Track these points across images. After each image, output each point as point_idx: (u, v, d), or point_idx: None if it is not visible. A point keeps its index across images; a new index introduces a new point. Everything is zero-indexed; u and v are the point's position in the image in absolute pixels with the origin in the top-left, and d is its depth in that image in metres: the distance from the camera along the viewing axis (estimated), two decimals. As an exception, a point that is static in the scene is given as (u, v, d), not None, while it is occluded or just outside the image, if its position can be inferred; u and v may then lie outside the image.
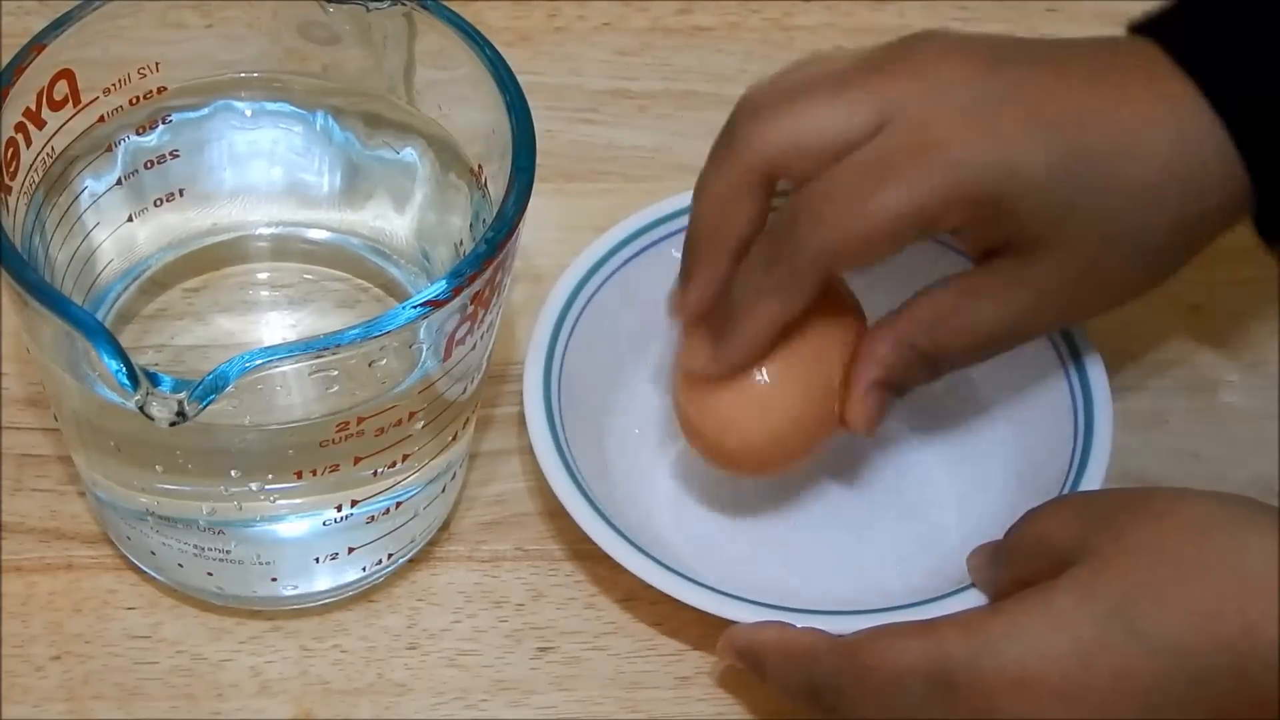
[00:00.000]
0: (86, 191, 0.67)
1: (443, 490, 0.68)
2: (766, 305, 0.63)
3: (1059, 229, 0.61)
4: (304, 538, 0.65)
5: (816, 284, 0.62)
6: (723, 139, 0.64)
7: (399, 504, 0.65)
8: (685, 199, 0.72)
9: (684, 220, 0.72)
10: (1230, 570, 0.55)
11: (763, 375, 0.65)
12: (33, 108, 0.63)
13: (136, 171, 0.68)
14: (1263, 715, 0.54)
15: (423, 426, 0.63)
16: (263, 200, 0.71)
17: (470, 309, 0.60)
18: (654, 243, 0.72)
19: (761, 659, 0.63)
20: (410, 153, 0.69)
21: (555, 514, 0.69)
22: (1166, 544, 0.56)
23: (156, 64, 0.67)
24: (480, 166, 0.66)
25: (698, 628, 0.67)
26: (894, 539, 0.70)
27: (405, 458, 0.64)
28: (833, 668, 0.60)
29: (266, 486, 0.63)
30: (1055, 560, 0.58)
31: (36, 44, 0.63)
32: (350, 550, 0.66)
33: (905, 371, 0.65)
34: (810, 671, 0.61)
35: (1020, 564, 0.61)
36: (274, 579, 0.66)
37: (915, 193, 0.60)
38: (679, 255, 0.72)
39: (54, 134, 0.65)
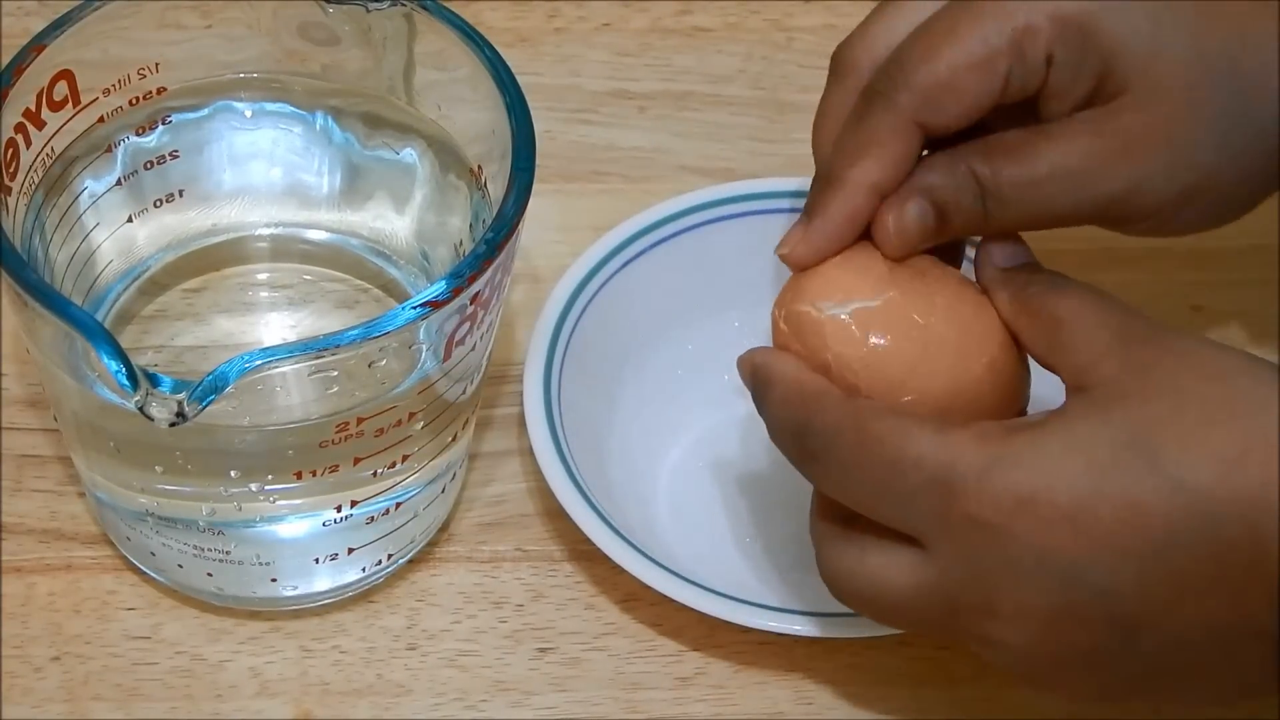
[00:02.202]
0: (86, 192, 0.67)
1: (442, 491, 0.68)
2: (860, 165, 0.60)
3: (1144, 74, 0.60)
4: (304, 538, 0.65)
5: (910, 135, 0.59)
6: (864, 91, 0.61)
7: (399, 504, 0.65)
8: (685, 200, 0.73)
9: (683, 221, 0.73)
10: (1256, 421, 0.53)
11: (927, 319, 0.59)
12: (32, 108, 0.63)
13: (136, 172, 0.68)
14: (1261, 576, 0.53)
15: (422, 427, 0.63)
16: (262, 201, 0.71)
17: (470, 310, 0.60)
18: (654, 244, 0.72)
19: (769, 385, 0.59)
20: (410, 153, 0.69)
21: (555, 515, 0.69)
22: (1193, 385, 0.54)
23: (156, 64, 0.67)
24: (480, 167, 0.66)
25: (697, 628, 0.67)
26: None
27: (405, 458, 0.64)
28: (835, 422, 0.57)
29: (266, 487, 0.63)
30: (1069, 365, 0.56)
31: (36, 44, 0.63)
32: (350, 551, 0.66)
33: (953, 194, 0.60)
34: (811, 414, 0.57)
35: (1027, 325, 0.58)
36: (274, 580, 0.66)
37: (1004, 15, 0.59)
38: (679, 257, 0.72)
39: (54, 134, 0.65)
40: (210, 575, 0.66)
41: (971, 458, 0.55)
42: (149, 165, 0.68)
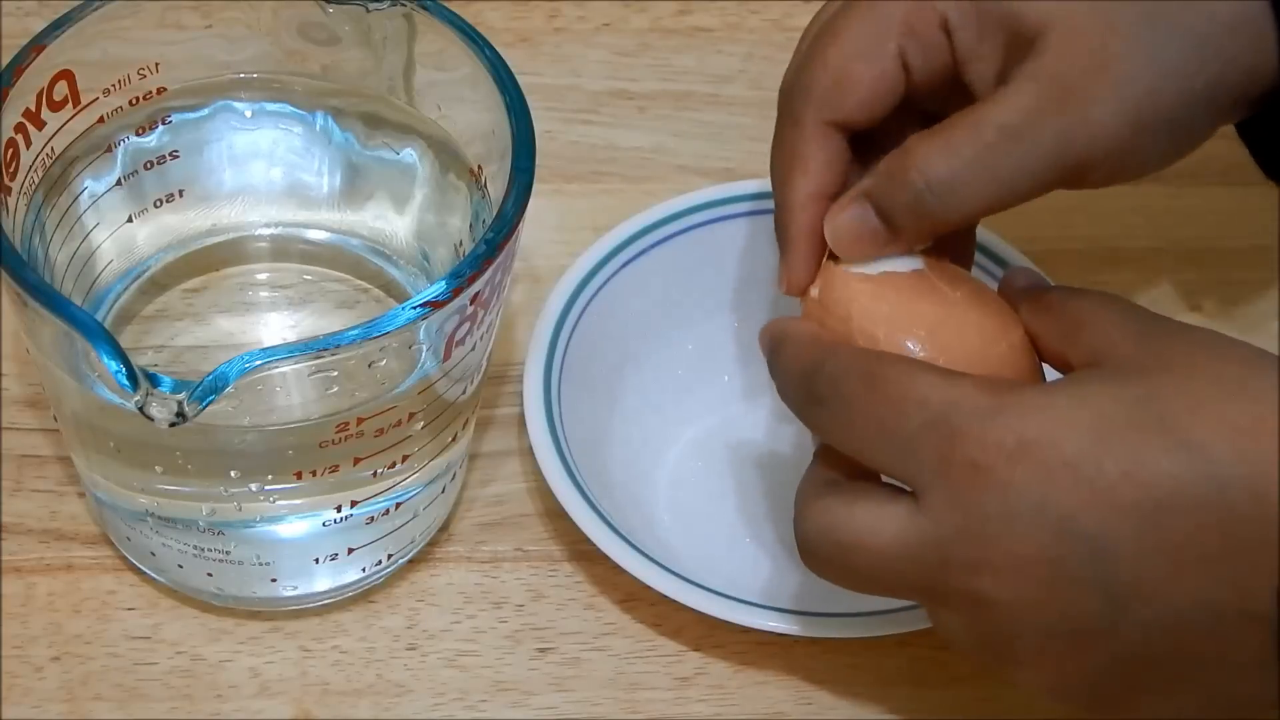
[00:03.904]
0: (86, 192, 0.67)
1: (442, 491, 0.68)
2: (790, 183, 0.61)
3: (1055, 12, 0.58)
4: (303, 538, 0.65)
5: (824, 138, 0.60)
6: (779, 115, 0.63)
7: (399, 505, 0.65)
8: (685, 200, 0.73)
9: (683, 221, 0.73)
10: (1271, 398, 0.52)
11: (953, 293, 0.60)
12: (32, 108, 0.63)
13: (136, 172, 0.68)
14: (1263, 553, 0.52)
15: (422, 427, 0.63)
16: (262, 201, 0.71)
17: (470, 310, 0.60)
18: (654, 244, 0.72)
19: (784, 341, 0.59)
20: (410, 153, 0.69)
21: (555, 515, 0.69)
22: (1208, 363, 0.53)
23: (156, 65, 0.67)
24: (480, 167, 0.66)
25: (697, 629, 0.68)
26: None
27: (405, 458, 0.64)
28: (845, 365, 0.56)
29: (266, 487, 0.63)
30: (1085, 347, 0.56)
31: (36, 45, 0.63)
32: (350, 551, 0.66)
33: (888, 188, 0.59)
34: (821, 362, 0.57)
35: (1047, 320, 0.58)
36: (274, 580, 0.66)
37: (885, 5, 0.59)
38: (679, 257, 0.73)
39: (54, 135, 0.65)
40: (210, 575, 0.66)
41: (977, 400, 0.54)
42: (149, 165, 0.68)
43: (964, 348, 0.58)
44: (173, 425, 0.57)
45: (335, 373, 0.59)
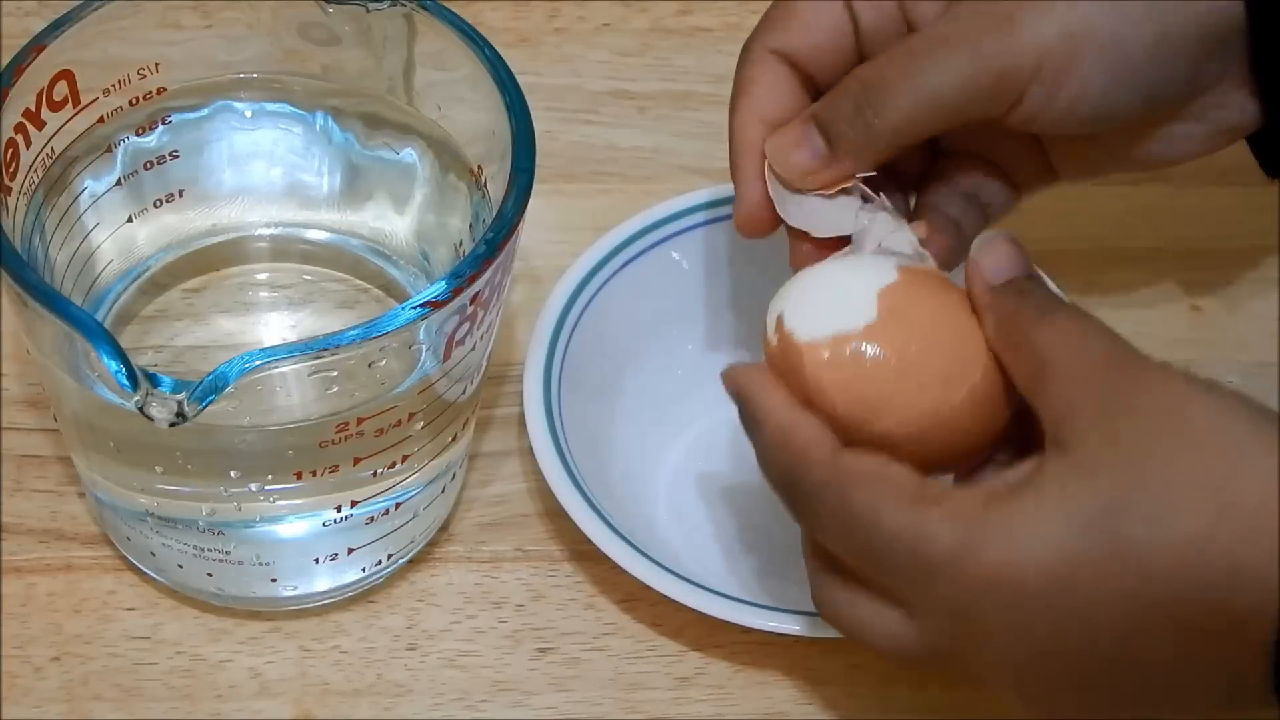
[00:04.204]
0: (86, 192, 0.67)
1: (442, 491, 0.68)
2: (738, 108, 0.63)
3: None
4: (303, 538, 0.65)
5: (770, 64, 0.62)
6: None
7: (398, 505, 0.65)
8: (685, 200, 0.73)
9: (685, 221, 0.73)
10: (1223, 497, 0.52)
11: (906, 347, 0.58)
12: (32, 108, 0.63)
13: (136, 172, 0.68)
14: (1242, 650, 0.52)
15: (422, 427, 0.63)
16: (262, 201, 0.71)
17: (470, 310, 0.60)
18: (654, 244, 0.72)
19: (758, 425, 0.59)
20: (410, 153, 0.69)
21: (555, 515, 0.69)
22: (1162, 455, 0.53)
23: (156, 64, 0.67)
24: (480, 167, 0.66)
25: (697, 629, 0.67)
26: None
27: (405, 458, 0.64)
28: (820, 483, 0.57)
29: (266, 487, 0.63)
30: (1052, 401, 0.56)
31: (36, 44, 0.63)
32: (350, 551, 0.66)
33: (833, 104, 0.61)
34: (798, 473, 0.57)
35: (1013, 358, 0.58)
36: (273, 580, 0.66)
37: None
38: (679, 257, 0.73)
39: (54, 135, 0.65)
40: (210, 575, 0.66)
41: (945, 540, 0.55)
42: (149, 165, 0.68)
43: (918, 410, 0.58)
44: (173, 425, 0.57)
45: (335, 373, 0.59)
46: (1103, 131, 0.63)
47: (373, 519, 0.65)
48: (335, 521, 0.65)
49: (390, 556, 0.67)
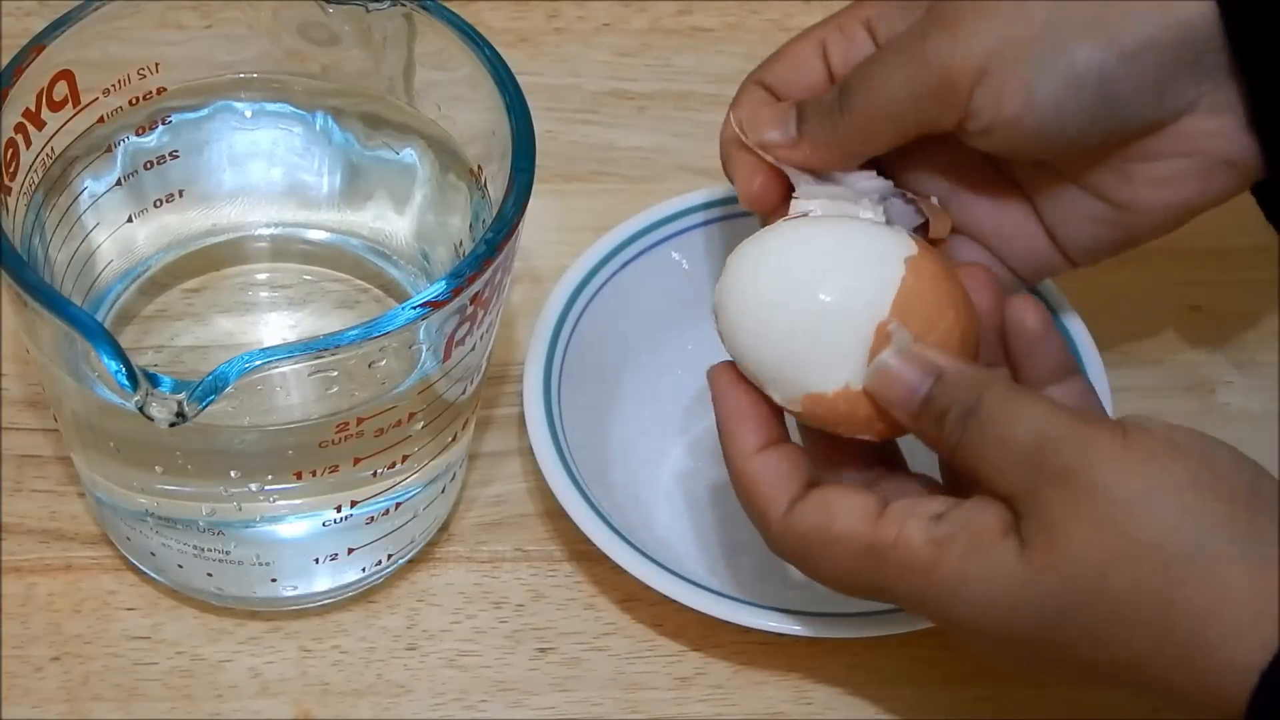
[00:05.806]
0: (86, 192, 0.67)
1: (442, 491, 0.68)
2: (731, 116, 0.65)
3: None
4: (303, 538, 0.65)
5: (750, 86, 0.65)
6: None
7: (398, 505, 0.65)
8: (685, 200, 0.73)
9: (685, 221, 0.73)
10: (1168, 624, 0.54)
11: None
12: (32, 108, 0.63)
13: (136, 172, 0.68)
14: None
15: (422, 427, 0.63)
16: (262, 201, 0.71)
17: (470, 310, 0.60)
18: (654, 244, 0.72)
19: (728, 463, 0.61)
20: (410, 153, 0.69)
21: (555, 515, 0.69)
22: (1118, 555, 0.54)
23: (156, 65, 0.67)
24: (480, 167, 0.66)
25: (697, 629, 0.67)
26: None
27: (405, 458, 0.64)
28: (778, 538, 0.60)
29: (266, 487, 0.63)
30: (1005, 486, 0.56)
31: (36, 44, 0.63)
32: (350, 551, 0.66)
33: (818, 97, 0.64)
34: (760, 524, 0.60)
35: (970, 445, 0.58)
36: (274, 580, 0.66)
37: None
38: (679, 257, 0.73)
39: (54, 135, 0.65)
40: (210, 575, 0.66)
41: (901, 588, 0.58)
42: (149, 165, 0.68)
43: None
44: (173, 425, 0.57)
45: (335, 373, 0.59)
46: (1072, 153, 0.63)
47: (373, 519, 0.65)
48: (335, 521, 0.65)
49: (390, 556, 0.67)
